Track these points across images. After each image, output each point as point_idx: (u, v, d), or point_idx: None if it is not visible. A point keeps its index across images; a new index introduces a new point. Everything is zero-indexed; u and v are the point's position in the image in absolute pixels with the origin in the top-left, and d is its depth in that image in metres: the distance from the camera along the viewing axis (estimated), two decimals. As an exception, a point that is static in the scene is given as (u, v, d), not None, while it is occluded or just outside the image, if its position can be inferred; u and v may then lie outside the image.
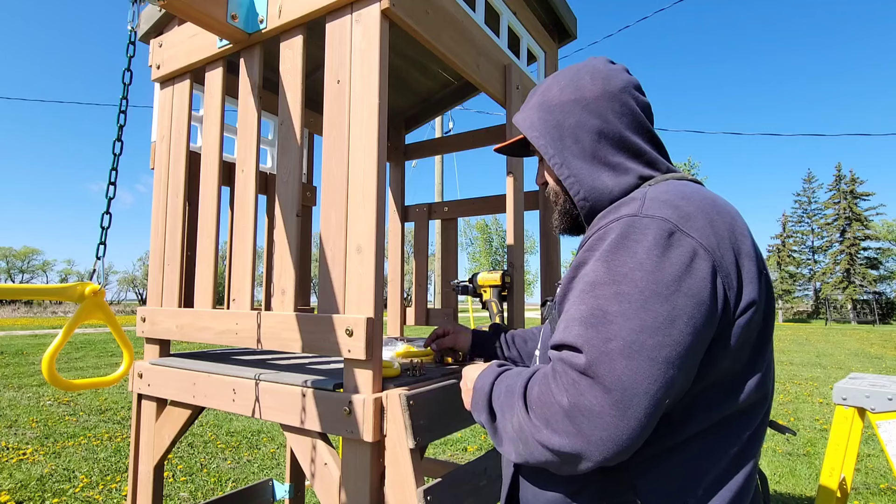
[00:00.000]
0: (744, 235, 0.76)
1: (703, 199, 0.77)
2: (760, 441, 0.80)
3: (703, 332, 0.68)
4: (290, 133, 1.40)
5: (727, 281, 0.71)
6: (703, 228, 0.72)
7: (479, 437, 4.87)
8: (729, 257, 0.72)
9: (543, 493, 0.82)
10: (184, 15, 1.36)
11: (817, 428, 5.34)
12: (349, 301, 1.22)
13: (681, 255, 0.69)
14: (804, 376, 8.98)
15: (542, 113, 0.93)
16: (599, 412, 0.64)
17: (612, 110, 0.88)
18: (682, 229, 0.71)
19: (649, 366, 0.64)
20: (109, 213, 1.04)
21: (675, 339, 0.66)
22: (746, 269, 0.73)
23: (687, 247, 0.70)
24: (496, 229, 47.53)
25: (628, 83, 0.90)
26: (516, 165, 1.95)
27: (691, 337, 0.67)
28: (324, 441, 1.26)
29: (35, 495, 3.30)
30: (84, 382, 0.98)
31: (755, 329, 0.75)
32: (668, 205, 0.74)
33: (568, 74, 0.94)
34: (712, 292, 0.69)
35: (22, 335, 15.38)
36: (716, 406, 0.74)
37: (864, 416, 1.96)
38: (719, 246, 0.71)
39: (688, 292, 0.67)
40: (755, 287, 0.73)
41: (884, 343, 16.95)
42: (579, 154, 0.88)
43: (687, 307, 0.67)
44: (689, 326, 0.67)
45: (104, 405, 5.93)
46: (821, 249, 48.47)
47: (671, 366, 0.65)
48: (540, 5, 2.20)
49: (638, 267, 0.69)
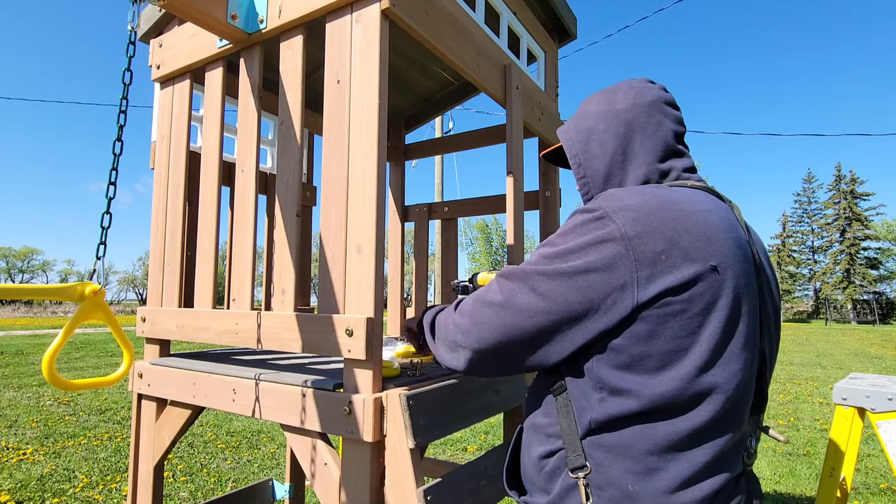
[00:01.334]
0: (687, 231, 0.77)
1: (660, 198, 0.81)
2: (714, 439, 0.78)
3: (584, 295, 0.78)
4: (290, 133, 1.40)
5: (641, 265, 0.76)
6: (631, 219, 0.78)
7: (479, 437, 4.87)
8: (658, 246, 0.76)
9: (531, 455, 0.93)
10: (184, 15, 1.36)
11: (817, 428, 5.34)
12: (349, 301, 1.22)
13: (595, 233, 0.79)
14: (804, 376, 8.98)
15: (578, 121, 1.03)
16: (455, 328, 0.93)
17: (637, 121, 0.95)
18: (610, 215, 0.79)
19: (492, 311, 0.86)
20: (110, 213, 1.04)
21: (540, 290, 0.81)
22: (675, 261, 0.75)
23: (606, 229, 0.78)
24: (496, 229, 47.50)
25: (659, 98, 0.97)
26: (516, 165, 1.95)
27: (556, 293, 0.80)
28: (324, 441, 1.26)
29: (35, 495, 3.30)
30: (84, 382, 0.98)
31: (678, 319, 0.76)
32: (614, 197, 0.83)
33: (607, 90, 1.03)
34: (610, 265, 0.77)
35: (22, 335, 15.38)
36: (650, 389, 0.77)
37: (864, 416, 1.96)
38: (645, 233, 0.76)
39: (576, 258, 0.79)
40: (676, 278, 0.75)
41: (884, 343, 16.95)
42: (600, 156, 0.97)
43: (565, 269, 0.80)
44: (559, 285, 0.80)
45: (104, 405, 5.93)
46: (821, 249, 48.46)
47: (508, 310, 0.84)
48: (540, 5, 2.20)
49: (560, 237, 0.84)
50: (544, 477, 0.89)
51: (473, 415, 1.38)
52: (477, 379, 1.43)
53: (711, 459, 0.78)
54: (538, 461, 0.90)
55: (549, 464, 0.88)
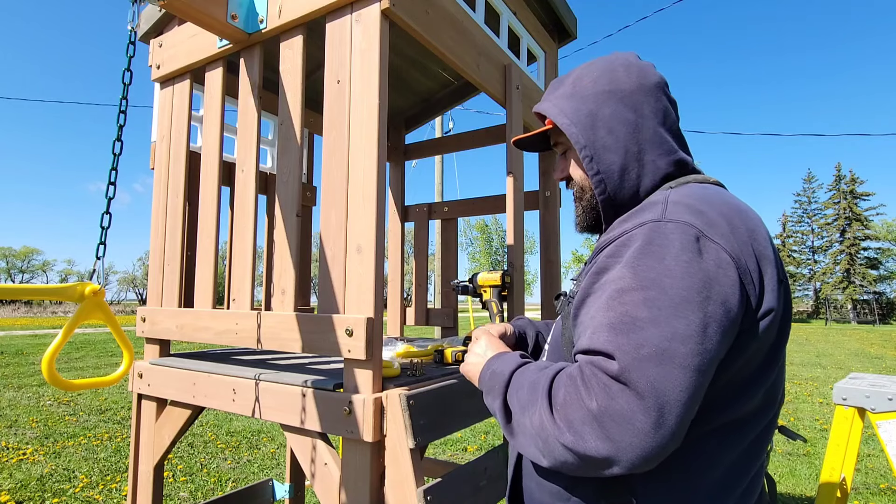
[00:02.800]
0: (766, 242, 0.75)
1: (726, 204, 0.76)
2: (765, 445, 0.79)
3: (728, 338, 0.68)
4: (290, 133, 1.40)
5: (750, 288, 0.70)
6: (726, 235, 0.71)
7: (479, 437, 4.87)
8: (752, 264, 0.71)
9: (546, 484, 0.82)
10: (184, 15, 1.36)
11: (817, 428, 5.34)
12: (349, 301, 1.22)
13: (708, 262, 0.68)
14: (804, 376, 8.98)
15: (574, 102, 0.89)
16: (631, 418, 0.63)
17: (647, 105, 0.86)
18: (707, 235, 0.70)
19: (682, 374, 0.63)
20: (109, 213, 1.04)
21: (706, 347, 0.65)
22: (768, 276, 0.73)
23: (713, 253, 0.69)
24: (496, 229, 47.50)
25: (661, 80, 0.89)
26: (516, 165, 1.95)
27: (720, 345, 0.66)
28: (324, 441, 1.26)
29: (35, 495, 3.30)
30: (84, 382, 0.98)
31: (772, 335, 0.74)
32: (691, 210, 0.73)
33: (600, 66, 0.90)
34: (740, 300, 0.68)
35: (22, 335, 15.38)
36: (725, 409, 0.73)
37: (864, 416, 1.96)
38: (742, 252, 0.71)
39: (717, 299, 0.67)
40: (775, 295, 0.73)
41: (884, 343, 16.95)
42: (612, 146, 0.85)
43: (717, 315, 0.66)
44: (718, 334, 0.66)
45: (104, 405, 5.93)
46: (821, 249, 48.43)
47: (701, 374, 0.65)
48: (540, 5, 2.20)
49: (666, 273, 0.68)
50: None
51: (473, 415, 1.38)
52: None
53: (760, 468, 0.78)
54: (560, 493, 0.80)
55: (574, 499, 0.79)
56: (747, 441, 0.75)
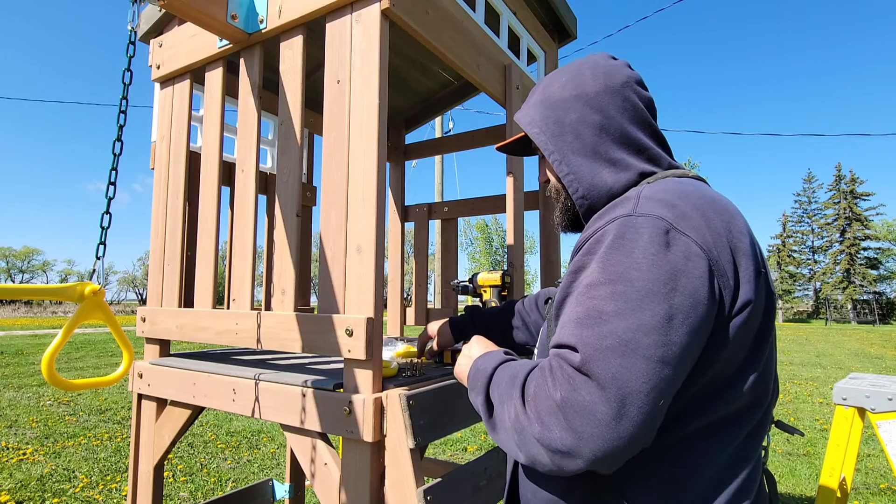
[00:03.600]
0: (742, 234, 0.74)
1: (701, 197, 0.76)
2: (759, 442, 0.79)
3: (699, 332, 0.68)
4: (290, 133, 1.40)
5: (723, 280, 0.70)
6: (698, 227, 0.71)
7: (479, 437, 4.87)
8: (725, 256, 0.71)
9: (541, 492, 0.83)
10: (184, 15, 1.36)
11: (817, 428, 5.34)
12: (349, 301, 1.22)
13: (676, 254, 0.69)
14: (804, 376, 8.98)
15: (542, 109, 0.91)
16: (592, 409, 0.63)
17: (613, 105, 0.86)
18: (677, 228, 0.70)
19: (644, 364, 0.64)
20: (109, 213, 1.04)
21: (671, 338, 0.65)
22: (744, 269, 0.72)
23: (682, 245, 0.69)
24: (496, 229, 47.50)
25: (630, 78, 0.89)
26: (516, 165, 1.95)
27: (687, 337, 0.66)
28: (324, 441, 1.26)
29: (35, 495, 3.30)
30: (84, 382, 0.98)
31: (752, 329, 0.74)
32: (663, 203, 0.73)
33: (569, 71, 0.92)
34: (709, 292, 0.68)
35: (22, 335, 15.38)
36: (710, 407, 0.73)
37: (864, 416, 1.96)
38: (715, 244, 0.71)
39: (684, 291, 0.67)
40: (752, 287, 0.72)
41: (884, 343, 16.95)
42: (580, 150, 0.87)
43: (683, 306, 0.67)
44: (685, 326, 0.66)
45: (104, 405, 5.93)
46: (821, 249, 48.42)
47: (667, 365, 0.65)
48: (540, 5, 2.20)
49: (634, 266, 0.68)
50: None
51: (473, 415, 1.38)
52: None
53: (756, 465, 0.77)
54: (554, 501, 0.81)
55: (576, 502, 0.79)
56: (740, 438, 0.75)
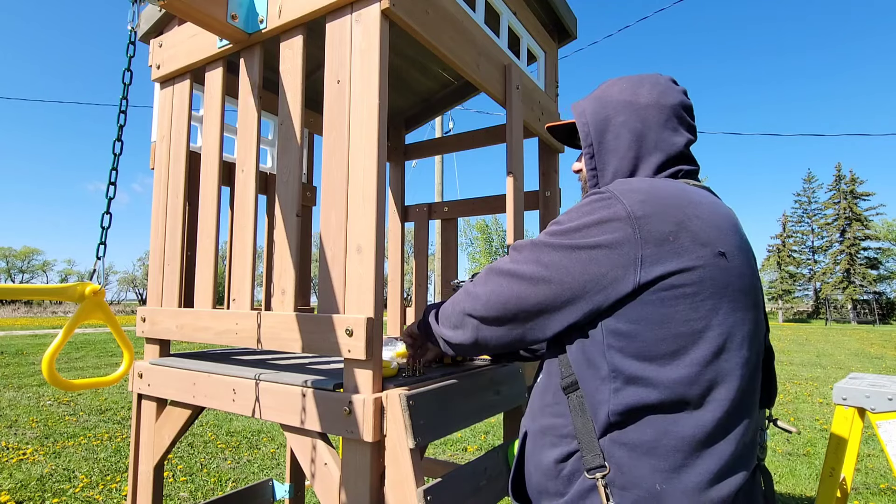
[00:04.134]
0: (697, 217, 0.80)
1: (676, 188, 0.84)
2: (735, 429, 0.78)
3: (582, 273, 0.81)
4: (290, 133, 1.40)
5: (647, 247, 0.77)
6: (639, 200, 0.80)
7: (478, 437, 4.87)
8: (663, 227, 0.78)
9: (540, 463, 0.90)
10: (184, 15, 1.36)
11: (817, 428, 5.34)
12: (349, 301, 1.22)
13: (602, 211, 0.81)
14: (804, 376, 8.98)
15: (596, 105, 1.00)
16: (462, 298, 0.98)
17: (658, 121, 0.94)
18: (616, 196, 0.81)
19: (499, 278, 0.90)
20: (110, 213, 1.04)
21: (538, 257, 0.85)
22: (684, 240, 0.77)
23: (611, 208, 0.80)
24: (496, 229, 47.48)
25: (681, 103, 0.97)
26: (516, 165, 1.95)
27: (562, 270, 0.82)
28: (324, 441, 1.26)
29: (35, 495, 3.30)
30: (84, 382, 0.98)
31: (691, 301, 0.77)
32: (625, 183, 0.85)
33: (633, 79, 1.01)
34: (620, 246, 0.78)
35: (22, 335, 15.37)
36: (666, 375, 0.77)
37: (864, 416, 1.96)
38: (653, 214, 0.78)
39: (584, 236, 0.81)
40: (691, 257, 0.77)
41: (884, 343, 16.94)
42: (614, 150, 0.96)
43: (570, 244, 0.83)
44: (563, 258, 0.83)
45: (104, 405, 5.93)
46: (821, 249, 48.42)
47: (521, 280, 0.86)
48: (540, 5, 2.20)
49: (564, 220, 0.86)
50: (561, 482, 0.85)
51: (473, 415, 1.38)
52: (477, 379, 1.43)
53: (736, 453, 0.78)
54: (553, 466, 0.87)
55: (567, 467, 0.85)
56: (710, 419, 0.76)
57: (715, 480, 0.75)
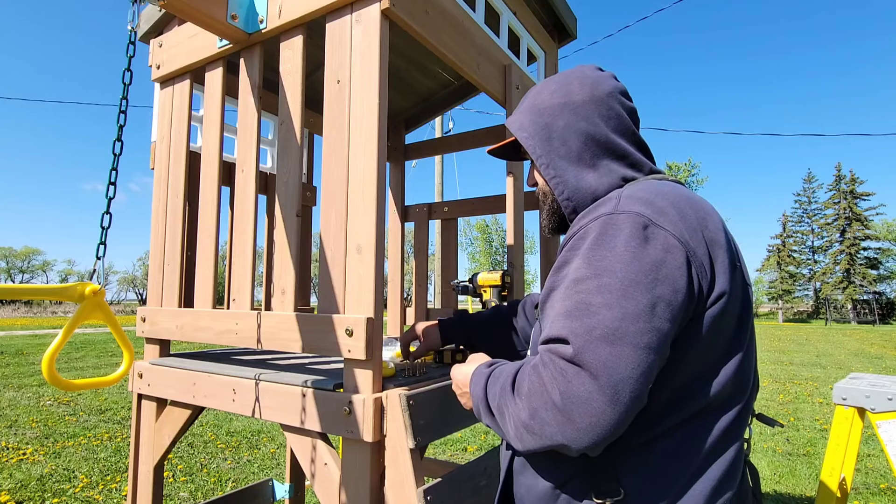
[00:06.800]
0: (718, 229, 0.80)
1: (678, 195, 0.81)
2: (741, 431, 0.82)
3: (679, 319, 0.73)
4: (290, 133, 1.40)
5: (700, 271, 0.75)
6: (675, 222, 0.76)
7: (479, 437, 4.87)
8: (701, 249, 0.76)
9: (535, 486, 0.85)
10: (184, 15, 1.36)
11: (817, 428, 5.34)
12: (349, 301, 1.22)
13: (656, 247, 0.73)
14: (804, 376, 8.98)
15: (532, 115, 0.97)
16: (588, 398, 0.67)
17: (598, 114, 0.92)
18: (655, 223, 0.75)
19: (632, 351, 0.67)
20: (110, 213, 1.04)
21: (655, 325, 0.69)
22: (720, 261, 0.77)
23: (661, 239, 0.74)
24: (496, 229, 47.51)
25: (615, 89, 0.94)
26: (516, 166, 1.95)
27: (669, 323, 0.71)
28: (324, 441, 1.26)
29: (35, 495, 3.30)
30: (84, 382, 0.98)
31: (729, 319, 0.78)
32: (642, 201, 0.78)
33: (558, 80, 0.98)
34: (688, 281, 0.73)
35: (22, 335, 15.38)
36: (693, 396, 0.77)
37: (864, 416, 1.96)
38: (691, 237, 0.75)
39: (665, 280, 0.72)
40: (728, 278, 0.77)
41: (884, 343, 16.95)
42: (566, 155, 0.93)
43: (665, 294, 0.71)
44: (667, 313, 0.71)
45: (104, 405, 5.93)
46: (821, 249, 48.41)
47: (652, 351, 0.69)
48: (540, 5, 2.20)
49: (617, 259, 0.73)
50: None
51: (473, 415, 1.38)
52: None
53: (738, 455, 0.79)
54: (550, 492, 0.82)
55: (563, 496, 0.81)
56: (723, 427, 0.78)
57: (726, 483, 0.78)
